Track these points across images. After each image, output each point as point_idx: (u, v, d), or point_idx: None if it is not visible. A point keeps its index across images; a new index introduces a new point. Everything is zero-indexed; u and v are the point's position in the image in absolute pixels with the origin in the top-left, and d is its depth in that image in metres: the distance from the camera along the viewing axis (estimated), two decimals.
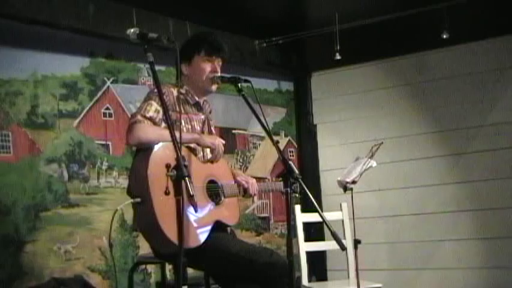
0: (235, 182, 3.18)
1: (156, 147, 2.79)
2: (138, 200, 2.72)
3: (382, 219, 5.48)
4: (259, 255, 2.91)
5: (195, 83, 3.13)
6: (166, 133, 2.81)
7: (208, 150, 3.10)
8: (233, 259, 2.89)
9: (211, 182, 3.02)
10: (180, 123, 2.92)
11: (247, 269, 2.87)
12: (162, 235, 2.66)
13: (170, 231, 2.66)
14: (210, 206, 2.96)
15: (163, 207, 2.66)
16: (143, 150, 2.87)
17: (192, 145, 3.03)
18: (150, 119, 2.91)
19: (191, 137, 2.99)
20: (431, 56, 5.35)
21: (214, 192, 3.01)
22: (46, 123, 4.11)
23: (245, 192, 3.19)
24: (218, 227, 2.97)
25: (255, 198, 5.49)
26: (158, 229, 2.66)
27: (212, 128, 3.29)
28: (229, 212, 3.05)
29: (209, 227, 2.90)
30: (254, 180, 3.24)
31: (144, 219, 2.75)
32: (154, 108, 2.93)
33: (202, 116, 3.18)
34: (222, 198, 3.03)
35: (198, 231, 2.83)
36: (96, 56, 4.44)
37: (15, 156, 3.92)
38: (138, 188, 2.75)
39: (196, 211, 2.80)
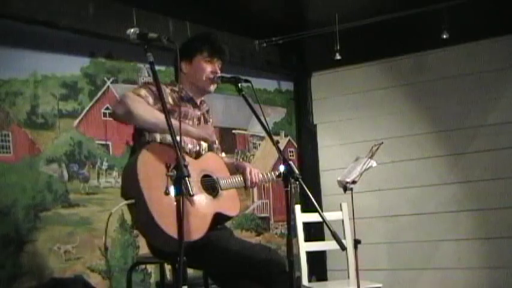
0: (240, 170, 3.19)
1: (145, 148, 2.79)
2: (132, 201, 2.71)
3: (382, 219, 5.48)
4: (257, 253, 2.92)
5: (194, 82, 3.13)
6: (162, 117, 2.75)
7: (204, 145, 3.12)
8: (231, 256, 2.89)
9: (206, 176, 3.02)
10: (180, 121, 2.90)
11: (245, 266, 2.88)
12: (162, 232, 2.65)
13: (169, 227, 2.65)
14: (206, 199, 2.95)
15: (158, 205, 2.65)
16: (133, 153, 2.87)
17: (184, 139, 3.02)
18: (142, 97, 2.89)
19: (196, 130, 3.01)
20: (431, 56, 5.35)
21: (210, 185, 3.01)
22: (46, 123, 4.11)
23: (245, 182, 3.16)
24: (218, 221, 2.97)
25: (255, 198, 5.49)
26: (157, 227, 2.65)
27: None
28: (228, 203, 3.05)
29: (209, 219, 2.89)
30: (256, 170, 3.22)
31: (141, 220, 2.74)
32: (143, 92, 2.91)
33: (198, 113, 3.19)
34: (220, 191, 3.03)
35: (199, 223, 2.82)
36: (96, 56, 4.44)
37: (15, 156, 3.92)
38: (130, 189, 2.74)
39: (192, 205, 2.80)
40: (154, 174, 2.69)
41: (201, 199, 2.90)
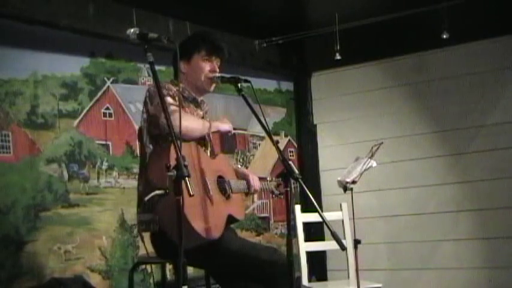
0: (241, 176, 3.19)
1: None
2: (162, 192, 2.67)
3: (382, 219, 5.48)
4: (262, 253, 2.92)
5: (193, 81, 3.12)
6: (200, 122, 2.94)
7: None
8: (235, 256, 2.89)
9: (219, 177, 3.03)
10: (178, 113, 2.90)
11: (249, 266, 2.87)
12: (190, 227, 2.63)
13: (196, 223, 2.65)
14: (221, 199, 2.97)
15: (189, 200, 2.60)
16: (159, 145, 2.85)
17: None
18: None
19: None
20: (431, 56, 5.35)
21: (222, 187, 3.02)
22: (46, 123, 4.11)
23: (249, 189, 3.18)
24: (229, 223, 2.98)
25: (255, 198, 5.49)
26: (185, 221, 2.60)
27: None
28: (237, 207, 3.07)
29: (224, 220, 2.91)
30: (256, 177, 3.24)
31: (168, 213, 2.65)
32: (170, 101, 2.91)
33: (201, 113, 3.19)
34: (230, 194, 3.04)
35: (218, 222, 2.83)
36: (96, 56, 4.44)
37: (15, 156, 3.92)
38: (160, 180, 2.65)
39: (212, 204, 2.81)
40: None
41: (217, 199, 2.92)
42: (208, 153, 3.14)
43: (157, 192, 2.68)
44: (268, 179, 3.30)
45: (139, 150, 3.14)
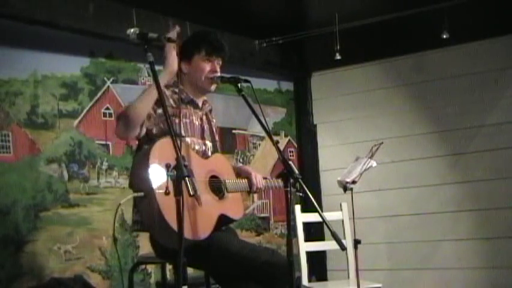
0: (244, 175, 3.18)
1: (157, 143, 2.77)
2: (141, 194, 2.70)
3: (382, 219, 5.48)
4: (261, 254, 2.91)
5: (194, 82, 3.12)
6: (142, 97, 2.84)
7: (209, 145, 3.13)
8: (234, 258, 2.88)
9: (213, 177, 3.02)
10: (180, 115, 2.91)
11: (248, 268, 2.87)
12: (168, 228, 2.64)
13: (175, 224, 2.65)
14: (213, 199, 2.96)
15: (167, 201, 2.64)
16: (143, 147, 2.87)
17: (189, 140, 3.03)
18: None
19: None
20: (431, 56, 5.35)
21: (216, 187, 3.01)
22: (46, 123, 4.11)
23: (250, 187, 3.16)
24: (222, 223, 2.97)
25: (255, 198, 5.49)
26: (165, 223, 2.63)
27: (214, 128, 3.28)
28: (233, 206, 3.06)
29: (214, 220, 2.90)
30: (260, 175, 3.24)
31: (149, 214, 2.72)
32: None
33: (200, 113, 3.18)
34: (225, 193, 3.03)
35: (205, 223, 2.82)
36: (96, 56, 4.44)
37: (15, 156, 3.92)
38: (140, 182, 2.72)
39: (200, 204, 2.81)
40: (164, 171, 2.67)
41: (207, 199, 2.91)
42: (209, 152, 3.14)
43: (135, 194, 2.71)
44: (279, 181, 3.26)
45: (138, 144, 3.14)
